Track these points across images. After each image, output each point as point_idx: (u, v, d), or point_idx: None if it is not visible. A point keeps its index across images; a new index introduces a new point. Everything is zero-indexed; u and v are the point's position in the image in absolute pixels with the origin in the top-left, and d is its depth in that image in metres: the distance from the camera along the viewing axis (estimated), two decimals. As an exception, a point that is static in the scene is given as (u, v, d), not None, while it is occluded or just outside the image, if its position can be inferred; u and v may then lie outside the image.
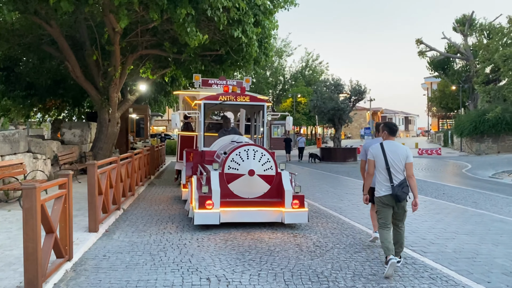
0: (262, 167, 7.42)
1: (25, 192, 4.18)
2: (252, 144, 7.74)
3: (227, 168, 7.38)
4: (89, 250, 6.04)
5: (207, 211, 7.09)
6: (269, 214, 7.45)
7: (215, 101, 9.04)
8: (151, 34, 14.62)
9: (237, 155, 7.39)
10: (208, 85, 12.90)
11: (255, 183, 7.41)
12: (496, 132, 31.16)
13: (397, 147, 5.47)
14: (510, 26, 32.22)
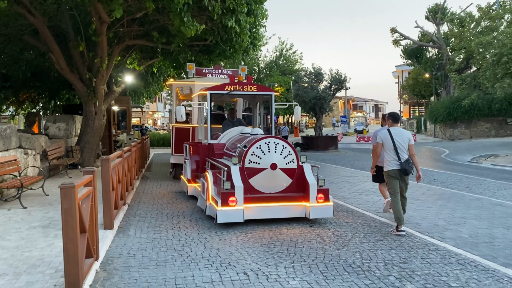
0: (284, 160, 7.08)
1: (63, 191, 3.99)
2: (273, 137, 7.32)
3: (247, 162, 7.02)
4: (110, 248, 5.87)
5: (230, 208, 6.72)
6: (292, 209, 7.16)
7: (221, 91, 8.61)
8: (138, 24, 14.22)
9: (257, 148, 7.02)
10: (202, 74, 12.48)
11: (277, 177, 7.09)
12: (468, 118, 32.17)
13: (401, 131, 6.82)
14: (481, 15, 33.15)
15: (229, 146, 8.21)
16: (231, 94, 8.80)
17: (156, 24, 13.99)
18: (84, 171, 5.03)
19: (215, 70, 12.63)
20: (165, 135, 33.14)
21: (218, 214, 6.73)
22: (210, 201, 7.30)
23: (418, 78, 43.69)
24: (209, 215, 7.36)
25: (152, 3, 10.16)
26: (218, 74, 12.70)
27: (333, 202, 7.37)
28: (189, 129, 12.15)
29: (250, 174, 7.04)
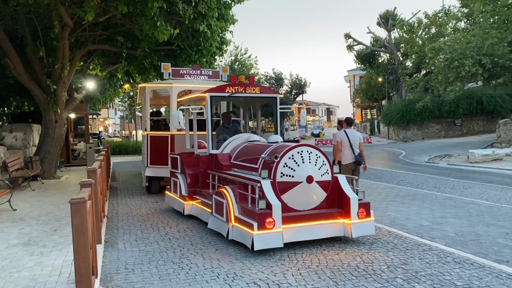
0: (319, 171, 6.18)
1: (74, 207, 3.73)
2: (305, 145, 6.32)
3: (279, 176, 6.00)
4: (104, 264, 5.57)
5: (268, 231, 5.64)
6: (330, 228, 6.24)
7: (223, 93, 7.69)
8: (101, 28, 13.73)
9: (290, 158, 6.06)
10: (179, 75, 11.34)
11: (313, 191, 6.18)
12: (420, 120, 33.60)
13: (354, 132, 8.68)
14: (428, 21, 34.85)
15: (238, 157, 7.24)
16: (233, 97, 7.92)
17: (121, 29, 13.58)
18: (82, 183, 4.73)
19: (194, 71, 11.45)
20: (121, 143, 32.22)
21: (255, 240, 5.61)
22: (234, 223, 6.16)
23: (371, 82, 45.19)
24: (234, 239, 6.21)
25: (124, 6, 9.82)
26: (197, 75, 11.49)
27: (374, 217, 6.50)
28: (167, 138, 10.84)
29: (282, 190, 6.02)
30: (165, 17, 12.15)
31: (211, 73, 11.55)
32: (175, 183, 8.59)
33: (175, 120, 7.70)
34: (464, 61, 20.46)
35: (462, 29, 26.67)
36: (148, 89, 11.32)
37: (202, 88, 10.45)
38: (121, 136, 57.59)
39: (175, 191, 8.60)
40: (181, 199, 8.25)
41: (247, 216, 5.89)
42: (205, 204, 7.49)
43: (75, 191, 11.10)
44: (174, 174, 8.78)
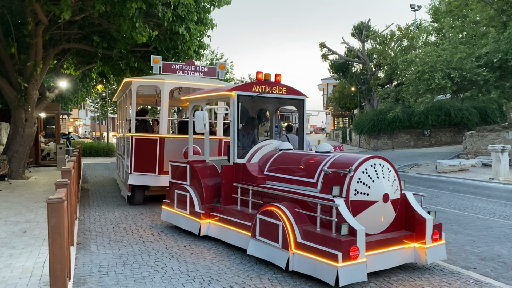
0: (392, 188, 5.34)
1: (51, 207, 3.67)
2: (377, 157, 5.44)
3: (353, 194, 5.07)
4: (77, 267, 5.46)
5: (353, 262, 4.67)
6: (403, 254, 5.36)
7: (250, 92, 6.65)
8: (77, 27, 13.49)
9: (364, 173, 5.18)
10: (171, 71, 10.19)
11: (387, 212, 5.33)
12: (391, 130, 34.37)
13: (294, 136, 8.35)
14: (400, 34, 35.79)
15: (275, 168, 6.26)
16: (260, 97, 6.80)
17: (98, 28, 13.39)
18: (58, 183, 4.64)
19: (188, 66, 10.26)
20: (92, 144, 31.58)
21: (340, 274, 4.60)
22: (296, 251, 5.06)
23: (344, 91, 45.96)
24: (298, 271, 5.08)
25: (102, 5, 9.70)
26: (191, 71, 10.32)
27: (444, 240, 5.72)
28: (156, 141, 9.50)
29: (356, 210, 5.08)
30: (144, 18, 12.07)
31: (207, 70, 10.45)
32: (182, 198, 7.22)
33: (200, 122, 6.44)
34: (434, 74, 21.08)
35: (433, 43, 27.51)
36: (135, 84, 9.86)
37: (199, 86, 9.70)
38: (92, 137, 56.45)
39: (182, 207, 7.22)
40: (194, 217, 6.89)
41: (322, 244, 4.80)
42: (234, 224, 6.21)
43: (45, 192, 10.82)
44: (180, 186, 7.34)
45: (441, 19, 25.73)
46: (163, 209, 7.85)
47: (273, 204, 5.50)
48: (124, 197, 10.47)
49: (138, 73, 15.79)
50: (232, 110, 6.57)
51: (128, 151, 9.96)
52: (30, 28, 11.77)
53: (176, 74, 10.20)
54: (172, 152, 9.40)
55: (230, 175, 6.61)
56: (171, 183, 7.78)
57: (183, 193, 7.21)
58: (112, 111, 46.01)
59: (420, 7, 36.21)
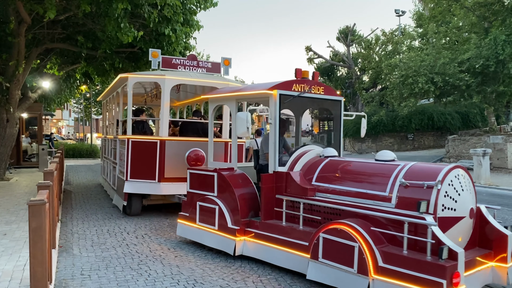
0: (473, 201, 4.84)
1: (32, 209, 3.60)
2: (458, 167, 4.86)
3: (440, 209, 4.45)
4: (58, 270, 5.37)
5: None
6: (483, 275, 4.73)
7: (292, 92, 5.89)
8: (61, 27, 13.31)
9: (450, 185, 4.59)
10: (171, 66, 9.20)
11: (469, 228, 4.79)
12: (375, 133, 34.72)
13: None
14: (384, 39, 36.21)
15: (326, 177, 5.50)
16: (301, 97, 6.03)
17: (82, 28, 13.23)
18: (40, 185, 4.56)
19: (189, 61, 9.29)
20: (75, 146, 31.18)
21: None
22: (377, 276, 4.36)
23: (329, 94, 46.23)
24: None
25: (87, 5, 9.59)
26: (193, 67, 9.36)
27: None
28: (156, 144, 8.52)
29: (444, 228, 4.43)
30: (129, 19, 11.98)
31: (211, 66, 9.51)
32: (208, 211, 6.28)
33: (242, 124, 5.55)
34: (417, 79, 21.38)
35: (417, 48, 27.90)
36: (132, 80, 8.82)
37: (203, 83, 9.11)
38: (75, 138, 55.74)
39: (208, 222, 6.28)
40: (226, 233, 5.95)
41: (415, 269, 4.10)
42: (281, 242, 5.37)
43: (26, 194, 10.64)
44: (205, 198, 6.39)
45: (425, 24, 26.12)
46: (180, 224, 6.85)
47: (342, 222, 4.74)
48: (118, 206, 9.42)
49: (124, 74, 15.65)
50: (274, 111, 5.75)
51: (123, 155, 8.96)
52: (12, 27, 11.56)
53: (177, 70, 9.18)
54: (174, 156, 8.52)
55: (270, 185, 5.75)
56: (191, 193, 6.80)
57: (210, 206, 6.24)
58: (96, 112, 45.50)
59: (404, 12, 36.73)
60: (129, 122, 8.87)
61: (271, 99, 5.80)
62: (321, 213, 5.26)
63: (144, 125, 9.44)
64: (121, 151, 9.23)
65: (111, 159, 10.99)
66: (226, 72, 9.59)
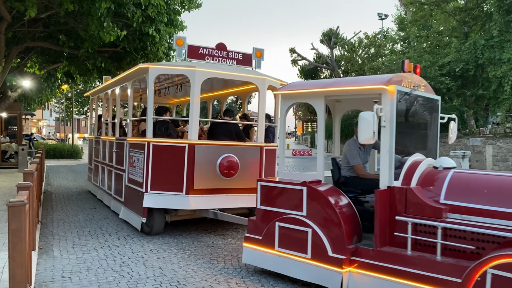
0: None
1: (12, 210, 3.54)
2: None
3: None
4: (38, 272, 5.28)
5: None
6: None
7: (406, 88, 4.92)
8: (42, 25, 13.12)
9: None
10: (198, 56, 7.74)
11: None
12: (358, 135, 35.11)
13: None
14: (367, 42, 36.65)
15: (456, 195, 4.50)
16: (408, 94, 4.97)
17: (64, 27, 13.06)
18: (19, 186, 4.49)
19: (218, 51, 7.92)
20: (56, 146, 30.69)
21: None
22: None
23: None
24: None
25: (70, 4, 9.47)
26: (223, 58, 8.00)
27: None
28: (183, 149, 7.15)
29: None
30: (112, 18, 11.87)
31: (241, 57, 8.20)
32: (295, 235, 5.05)
33: (367, 128, 4.42)
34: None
35: (399, 51, 28.30)
36: (154, 72, 7.30)
37: (238, 77, 7.79)
38: (56, 138, 54.89)
39: (295, 248, 5.07)
40: (327, 264, 4.81)
41: None
42: (411, 277, 4.26)
43: (5, 195, 10.44)
44: (288, 218, 5.15)
45: (407, 28, 26.51)
46: (248, 249, 5.54)
47: None
48: (131, 222, 7.86)
49: (106, 73, 15.47)
50: (389, 112, 4.66)
51: (139, 161, 7.61)
52: (-9, 24, 11.37)
53: (205, 61, 7.76)
54: (204, 164, 7.20)
55: (386, 204, 4.69)
56: (263, 211, 5.46)
57: (297, 228, 5.04)
58: (78, 112, 44.92)
59: (387, 16, 37.19)
60: (150, 122, 7.36)
61: (385, 96, 4.71)
62: (467, 241, 4.18)
63: (168, 126, 7.92)
64: (134, 156, 7.87)
65: (111, 164, 9.59)
66: (258, 65, 8.28)
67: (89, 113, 49.12)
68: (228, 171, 7.22)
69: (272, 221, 5.30)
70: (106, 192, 10.04)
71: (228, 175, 7.22)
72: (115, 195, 9.15)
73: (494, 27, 19.05)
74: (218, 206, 7.26)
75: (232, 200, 7.39)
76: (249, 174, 7.47)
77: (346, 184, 5.61)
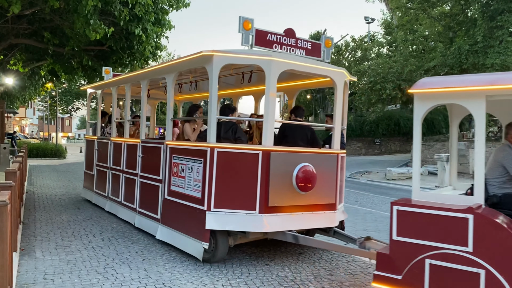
0: None
1: (-7, 210, 3.45)
2: None
3: None
4: (20, 274, 5.16)
5: None
6: None
7: None
8: (26, 22, 12.90)
9: None
10: (266, 43, 6.33)
11: None
12: (344, 138, 35.33)
13: None
14: (354, 45, 36.95)
15: None
16: None
17: (49, 24, 12.86)
18: (1, 186, 4.38)
19: (287, 38, 6.53)
20: (39, 145, 30.24)
21: None
22: None
23: (300, 98, 46.78)
24: None
25: (55, 1, 9.32)
26: (291, 47, 6.57)
27: None
28: (257, 157, 5.80)
29: None
30: (99, 16, 11.73)
31: (311, 47, 6.82)
32: (453, 276, 3.93)
33: None
34: (385, 85, 21.92)
35: (385, 55, 28.59)
36: (220, 60, 5.88)
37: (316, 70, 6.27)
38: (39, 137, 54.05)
39: None
40: None
41: None
42: None
43: (-14, 195, 10.21)
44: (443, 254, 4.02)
45: (393, 32, 26.80)
46: None
47: None
48: (186, 249, 6.17)
49: (92, 72, 15.31)
50: None
51: (192, 170, 6.23)
52: (-26, 20, 11.14)
53: (273, 50, 6.36)
54: (279, 175, 5.87)
55: None
56: (403, 244, 4.27)
57: (463, 269, 3.90)
58: (62, 111, 44.31)
59: (374, 20, 37.56)
60: (214, 123, 5.95)
61: None
62: None
63: (236, 128, 6.46)
64: (184, 165, 6.49)
65: (133, 171, 8.12)
66: (327, 57, 7.02)
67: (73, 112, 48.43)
68: (305, 184, 5.96)
69: (417, 257, 4.19)
70: (123, 205, 8.53)
71: (305, 188, 5.96)
72: (143, 210, 7.68)
73: (479, 33, 19.37)
74: (294, 227, 6.03)
75: (308, 220, 6.16)
76: (325, 187, 6.23)
77: (501, 205, 4.46)
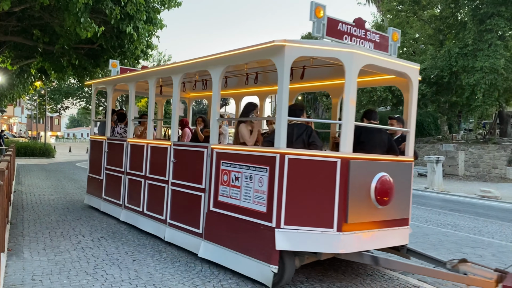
0: None
1: (-20, 210, 3.37)
2: None
3: None
4: (7, 275, 5.07)
5: None
6: None
7: None
8: (15, 19, 12.73)
9: None
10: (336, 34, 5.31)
11: None
12: (334, 139, 35.44)
13: None
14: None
15: None
16: None
17: (39, 21, 12.71)
18: (-11, 185, 4.30)
19: (357, 30, 5.65)
20: (27, 144, 29.90)
21: None
22: None
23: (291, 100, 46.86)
24: None
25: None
26: (360, 39, 5.66)
27: None
28: (335, 165, 4.94)
29: None
30: (90, 14, 11.62)
31: (379, 40, 6.03)
32: None
33: None
34: (376, 87, 22.01)
35: (376, 56, 28.75)
36: (291, 52, 4.93)
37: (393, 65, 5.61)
38: (28, 136, 53.46)
39: None
40: None
41: None
42: None
43: (-27, 194, 10.04)
44: None
45: (384, 34, 26.91)
46: None
47: None
48: (248, 273, 5.23)
49: (82, 71, 15.18)
50: None
51: (251, 180, 5.32)
52: (-38, 17, 10.97)
53: (342, 42, 5.38)
54: (358, 187, 5.05)
55: None
56: None
57: None
58: (51, 109, 43.87)
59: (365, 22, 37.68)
60: (284, 125, 4.96)
61: None
62: None
63: (311, 132, 5.58)
64: (239, 173, 5.57)
65: (162, 178, 7.10)
66: (394, 51, 6.17)
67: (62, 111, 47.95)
68: (382, 197, 5.19)
69: None
70: (146, 215, 7.54)
71: (383, 202, 5.21)
72: (176, 222, 6.71)
73: (468, 36, 19.54)
74: (372, 246, 5.39)
75: (384, 238, 5.43)
76: (399, 200, 5.53)
77: None
